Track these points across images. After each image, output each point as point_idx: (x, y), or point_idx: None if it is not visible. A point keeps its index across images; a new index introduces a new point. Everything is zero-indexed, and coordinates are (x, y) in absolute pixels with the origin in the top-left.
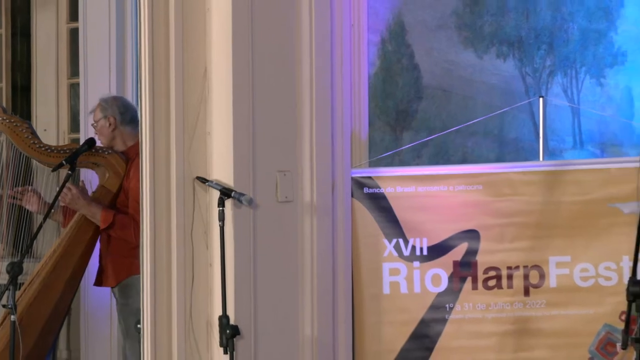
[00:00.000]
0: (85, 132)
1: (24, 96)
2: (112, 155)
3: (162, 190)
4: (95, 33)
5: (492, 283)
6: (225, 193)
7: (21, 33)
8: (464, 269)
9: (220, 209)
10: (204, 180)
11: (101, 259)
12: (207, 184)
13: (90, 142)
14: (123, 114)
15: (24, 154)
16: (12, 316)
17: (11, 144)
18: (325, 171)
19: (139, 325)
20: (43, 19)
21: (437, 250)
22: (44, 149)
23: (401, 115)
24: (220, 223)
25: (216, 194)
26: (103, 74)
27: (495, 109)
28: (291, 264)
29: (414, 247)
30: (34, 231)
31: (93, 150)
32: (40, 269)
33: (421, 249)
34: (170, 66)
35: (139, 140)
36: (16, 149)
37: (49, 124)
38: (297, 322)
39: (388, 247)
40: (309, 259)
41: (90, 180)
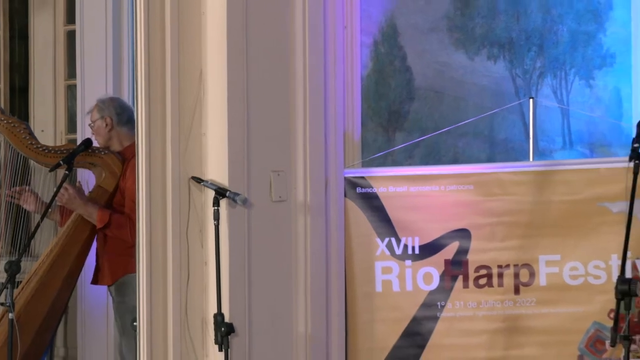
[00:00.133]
0: (82, 133)
1: (22, 97)
2: (109, 155)
3: (158, 189)
4: (92, 35)
5: (483, 281)
6: (220, 193)
7: (19, 35)
8: (455, 268)
9: (215, 208)
10: (199, 180)
11: (98, 258)
12: (202, 183)
13: (87, 143)
14: (120, 114)
15: (21, 155)
16: (10, 314)
17: (9, 144)
18: (318, 171)
19: (135, 323)
20: (41, 21)
21: (429, 249)
22: (41, 149)
23: (393, 116)
24: (215, 222)
25: (211, 194)
26: (100, 76)
27: (486, 110)
28: (285, 262)
29: (406, 246)
30: (32, 230)
31: (90, 151)
32: (37, 268)
33: (413, 248)
34: (166, 68)
35: (135, 141)
36: (14, 149)
37: (47, 124)
38: (291, 320)
39: (380, 246)
40: (302, 258)
41: (87, 180)
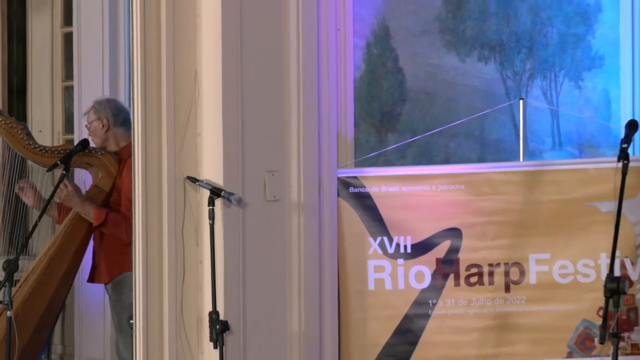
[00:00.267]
0: (79, 133)
1: (20, 98)
2: (105, 155)
3: (154, 189)
4: (89, 37)
5: (474, 280)
6: (215, 192)
7: (17, 37)
8: (447, 266)
9: (210, 207)
10: (194, 180)
11: (94, 256)
12: (198, 183)
13: (84, 143)
14: (116, 115)
15: (19, 155)
16: (8, 312)
17: (7, 144)
18: (312, 171)
19: (131, 321)
20: (38, 23)
21: (421, 248)
22: (39, 149)
23: (386, 117)
24: (210, 221)
25: (206, 193)
26: (96, 77)
27: (476, 111)
28: (279, 261)
29: (398, 245)
30: (29, 229)
31: (87, 151)
32: (35, 266)
33: (405, 247)
34: (162, 70)
35: (131, 141)
36: (12, 149)
37: (44, 125)
38: (285, 318)
39: (373, 245)
40: (296, 257)
41: (84, 180)
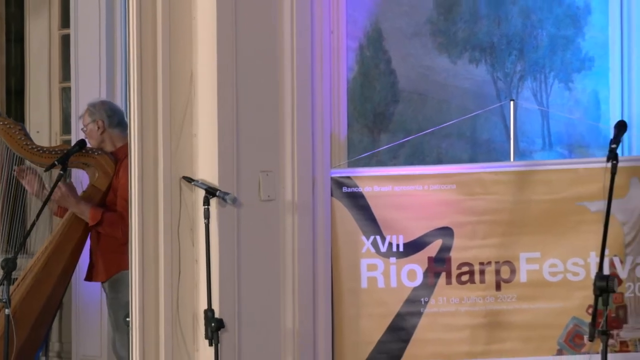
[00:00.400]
0: (76, 134)
1: (18, 99)
2: (102, 155)
3: (150, 189)
4: (86, 39)
5: (465, 278)
6: (211, 192)
7: (15, 39)
8: (439, 265)
9: (206, 207)
10: (190, 179)
11: (91, 255)
12: (193, 183)
13: (81, 144)
14: (110, 117)
15: (17, 155)
16: (6, 310)
17: (5, 145)
18: (306, 171)
19: (127, 319)
20: (36, 25)
21: (413, 247)
22: (36, 150)
23: (379, 117)
24: (205, 221)
25: (202, 193)
26: (93, 78)
27: (468, 112)
28: (273, 260)
29: (390, 244)
30: (27, 228)
31: (84, 151)
32: (32, 265)
33: (397, 246)
34: (158, 71)
35: (127, 142)
36: (10, 149)
37: (42, 126)
38: (279, 315)
39: (366, 244)
40: (290, 255)
41: (80, 179)
